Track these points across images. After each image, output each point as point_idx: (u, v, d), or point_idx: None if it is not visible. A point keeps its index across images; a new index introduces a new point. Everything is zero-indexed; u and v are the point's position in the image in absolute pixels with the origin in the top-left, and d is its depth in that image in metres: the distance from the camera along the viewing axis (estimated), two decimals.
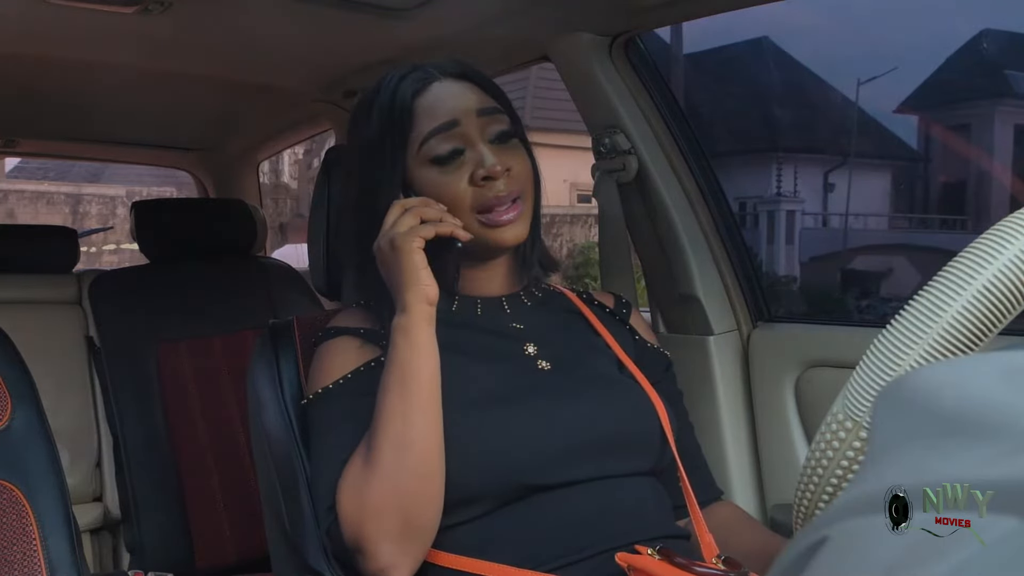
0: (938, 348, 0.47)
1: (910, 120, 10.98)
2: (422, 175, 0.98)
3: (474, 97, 1.00)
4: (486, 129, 0.99)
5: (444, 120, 0.98)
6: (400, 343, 0.90)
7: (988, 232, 0.47)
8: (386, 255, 0.93)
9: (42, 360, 1.39)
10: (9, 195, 11.69)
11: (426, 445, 0.88)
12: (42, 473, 0.98)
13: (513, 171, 0.98)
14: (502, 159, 0.97)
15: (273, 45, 1.70)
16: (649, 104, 1.41)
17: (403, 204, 0.94)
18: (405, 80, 1.00)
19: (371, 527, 0.87)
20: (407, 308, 0.91)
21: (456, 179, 0.97)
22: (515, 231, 0.98)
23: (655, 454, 0.99)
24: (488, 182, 0.96)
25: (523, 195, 0.99)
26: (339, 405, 0.96)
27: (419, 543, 0.89)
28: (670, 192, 1.40)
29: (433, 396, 0.90)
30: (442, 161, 0.97)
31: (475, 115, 0.99)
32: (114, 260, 10.24)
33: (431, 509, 0.89)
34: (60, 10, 1.41)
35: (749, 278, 1.44)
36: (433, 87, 1.00)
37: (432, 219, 0.93)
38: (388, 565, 0.88)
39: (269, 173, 9.99)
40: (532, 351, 1.01)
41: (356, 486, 0.88)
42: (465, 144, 0.98)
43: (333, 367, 0.98)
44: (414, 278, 0.90)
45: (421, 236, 0.91)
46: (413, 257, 0.90)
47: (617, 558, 0.85)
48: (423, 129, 0.98)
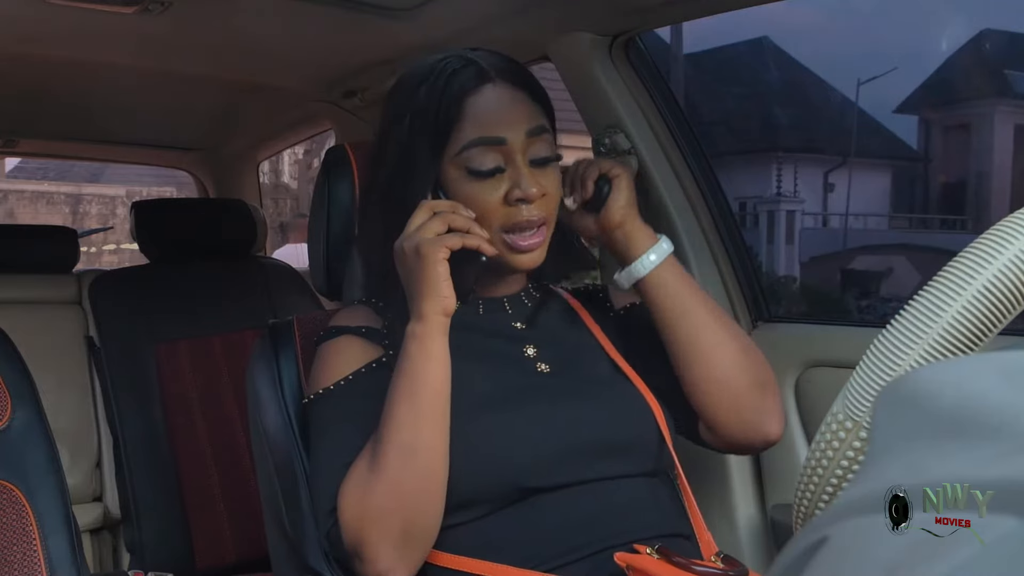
0: (938, 348, 0.47)
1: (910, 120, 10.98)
2: (457, 180, 0.95)
3: (525, 113, 0.96)
4: (530, 149, 0.95)
5: (492, 134, 0.94)
6: (413, 351, 0.89)
7: (988, 232, 0.47)
8: (409, 259, 0.90)
9: (42, 360, 1.38)
10: (9, 195, 11.69)
11: (432, 453, 0.88)
12: (42, 473, 0.98)
13: (547, 195, 0.96)
14: (540, 183, 0.95)
15: (273, 45, 1.70)
16: (649, 104, 1.41)
17: (432, 207, 0.91)
18: (458, 75, 0.95)
19: (372, 532, 0.87)
20: (423, 317, 0.89)
21: (490, 193, 0.94)
22: (535, 257, 0.97)
23: (653, 456, 0.99)
24: (521, 204, 0.94)
25: (549, 220, 0.98)
26: (340, 407, 0.95)
27: (419, 548, 0.89)
28: (670, 192, 1.40)
29: (442, 405, 0.89)
30: (481, 175, 0.94)
31: (524, 135, 0.95)
32: (114, 260, 10.24)
33: (433, 515, 0.88)
34: (60, 10, 1.41)
35: (749, 278, 1.44)
36: (486, 90, 0.95)
37: (460, 228, 0.90)
38: (386, 569, 0.87)
39: (269, 173, 9.99)
40: (532, 353, 1.01)
41: (359, 491, 0.88)
42: (507, 162, 0.94)
43: (334, 368, 0.98)
44: (435, 289, 0.88)
45: (447, 246, 0.88)
46: (437, 268, 0.88)
47: (616, 558, 0.85)
48: (468, 135, 0.94)
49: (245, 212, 2.19)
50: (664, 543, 0.87)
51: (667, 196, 1.40)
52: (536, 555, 0.90)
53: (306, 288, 2.08)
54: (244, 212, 2.19)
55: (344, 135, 2.14)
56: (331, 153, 1.18)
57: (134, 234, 2.14)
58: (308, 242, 1.18)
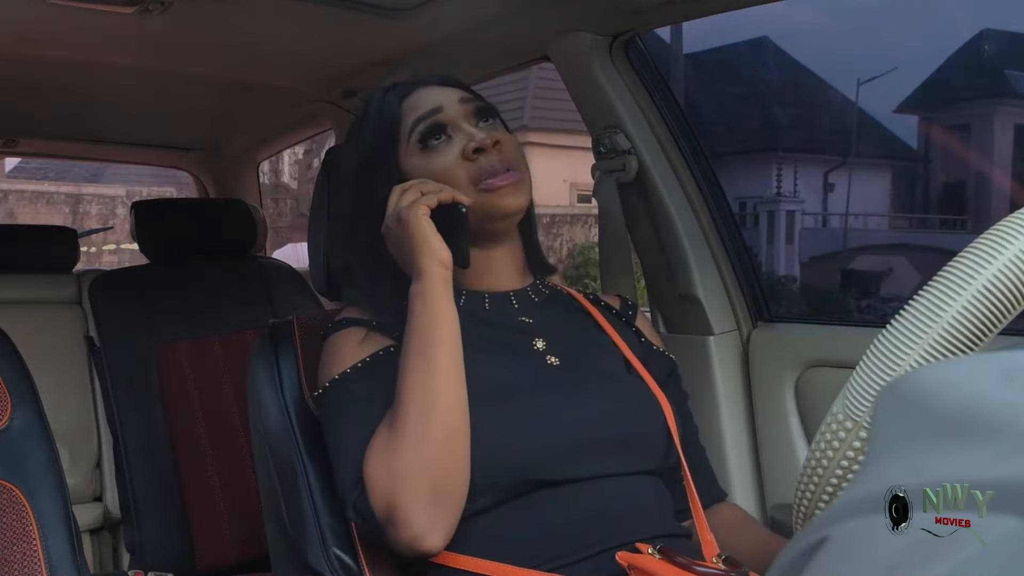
0: (938, 348, 0.47)
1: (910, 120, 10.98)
2: (414, 163, 1.01)
3: (456, 92, 1.05)
4: (469, 113, 1.02)
5: (428, 108, 1.02)
6: (419, 308, 0.91)
7: (988, 232, 0.47)
8: (394, 232, 0.95)
9: (42, 360, 1.38)
10: (9, 195, 11.70)
11: (451, 406, 0.88)
12: (42, 473, 0.98)
13: (502, 144, 1.00)
14: (489, 134, 1.00)
15: (273, 45, 1.70)
16: (649, 104, 1.41)
17: (401, 187, 0.97)
18: (391, 91, 1.06)
19: (402, 493, 0.86)
20: (422, 273, 0.92)
21: (447, 156, 1.00)
22: (515, 198, 0.99)
23: (660, 454, 0.99)
24: (479, 154, 0.99)
25: (516, 167, 1.00)
26: (357, 388, 0.95)
27: (451, 508, 0.88)
28: (670, 192, 1.40)
29: (455, 357, 0.90)
30: (430, 143, 1.00)
31: (457, 102, 1.02)
32: (114, 260, 10.25)
33: (460, 472, 0.88)
34: (60, 10, 1.41)
35: (749, 278, 1.44)
36: (418, 90, 1.05)
37: (431, 191, 0.95)
38: (422, 532, 0.86)
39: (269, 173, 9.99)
40: (541, 346, 1.02)
41: (384, 454, 0.88)
42: (451, 125, 1.01)
43: (347, 355, 0.98)
44: (425, 244, 0.92)
45: (425, 204, 0.93)
46: (421, 223, 0.92)
47: (618, 557, 0.85)
48: (409, 121, 1.02)
49: (245, 212, 2.19)
50: (666, 543, 0.87)
51: (667, 196, 1.40)
52: (538, 553, 0.90)
53: (306, 288, 2.08)
54: (244, 212, 2.19)
55: (344, 135, 2.14)
56: (331, 153, 1.19)
57: (134, 234, 2.14)
58: (308, 242, 1.18)
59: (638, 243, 1.47)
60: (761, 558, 0.94)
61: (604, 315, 1.11)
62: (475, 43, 1.51)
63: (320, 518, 1.02)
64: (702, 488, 1.04)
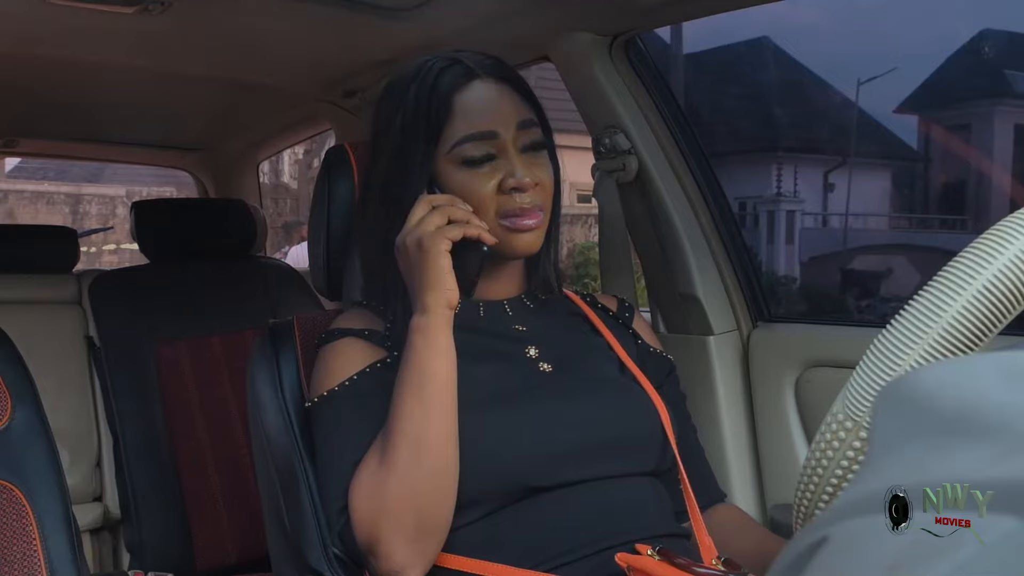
0: (938, 348, 0.47)
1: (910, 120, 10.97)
2: (451, 174, 0.97)
3: (513, 106, 0.99)
4: (520, 140, 0.98)
5: (482, 129, 0.96)
6: (419, 344, 0.90)
7: (988, 232, 0.47)
8: (411, 254, 0.91)
9: (42, 360, 1.38)
10: (9, 195, 11.70)
11: (442, 445, 0.88)
12: (42, 473, 0.98)
13: (541, 184, 0.98)
14: (532, 172, 0.97)
15: (273, 45, 1.70)
16: (649, 104, 1.41)
17: (431, 200, 0.92)
18: (445, 73, 0.98)
19: (387, 527, 0.87)
20: (428, 310, 0.90)
21: (484, 182, 0.96)
22: (532, 240, 0.98)
23: (656, 455, 0.99)
24: (515, 193, 0.96)
25: (545, 208, 0.99)
26: (346, 406, 0.95)
27: (433, 542, 0.89)
28: (670, 192, 1.40)
29: (450, 397, 0.90)
30: (474, 164, 0.96)
31: (514, 127, 0.97)
32: (114, 260, 10.25)
33: (445, 508, 0.89)
34: (60, 10, 1.41)
35: (749, 278, 1.44)
36: (474, 85, 0.98)
37: (459, 219, 0.91)
38: (402, 566, 0.87)
39: (269, 173, 9.99)
40: (534, 353, 1.01)
41: (371, 486, 0.88)
42: (499, 152, 0.97)
43: (338, 369, 0.97)
44: (438, 281, 0.89)
45: (449, 238, 0.89)
46: (440, 261, 0.89)
47: (617, 558, 0.85)
48: (459, 131, 0.96)
49: (245, 212, 2.19)
50: (665, 544, 0.87)
51: (667, 196, 1.40)
52: (537, 554, 0.90)
53: (306, 288, 2.08)
54: (244, 212, 2.19)
55: (344, 135, 2.14)
56: (331, 153, 1.18)
57: (134, 234, 2.14)
58: (308, 242, 1.18)
59: (638, 243, 1.47)
60: (760, 559, 0.94)
61: (601, 317, 1.11)
62: (475, 43, 1.50)
63: (320, 518, 1.01)
64: (700, 489, 1.04)
